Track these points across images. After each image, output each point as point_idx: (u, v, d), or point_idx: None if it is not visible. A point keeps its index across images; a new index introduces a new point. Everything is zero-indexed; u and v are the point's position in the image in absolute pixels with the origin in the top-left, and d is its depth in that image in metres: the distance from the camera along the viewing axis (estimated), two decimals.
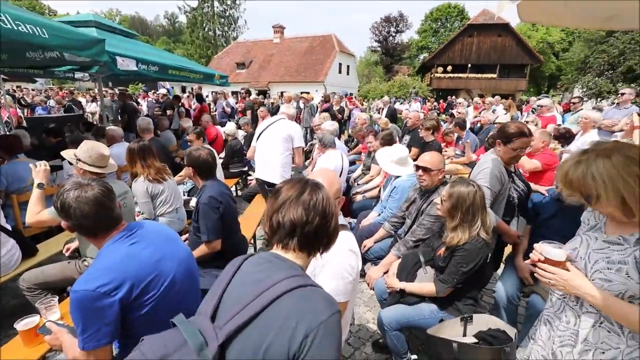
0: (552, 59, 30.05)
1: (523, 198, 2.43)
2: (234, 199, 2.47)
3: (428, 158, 2.45)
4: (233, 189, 5.57)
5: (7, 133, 5.64)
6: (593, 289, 1.08)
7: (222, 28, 37.23)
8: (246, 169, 5.59)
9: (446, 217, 1.94)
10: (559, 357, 1.22)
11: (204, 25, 35.83)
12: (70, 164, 2.36)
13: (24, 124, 8.04)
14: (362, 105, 12.61)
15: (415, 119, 5.74)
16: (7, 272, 2.33)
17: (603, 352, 1.10)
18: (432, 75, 29.86)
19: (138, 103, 11.35)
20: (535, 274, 1.22)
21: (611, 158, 1.00)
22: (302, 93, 9.93)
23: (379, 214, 3.31)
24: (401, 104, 14.84)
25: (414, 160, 4.19)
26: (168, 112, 8.12)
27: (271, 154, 3.39)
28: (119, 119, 7.62)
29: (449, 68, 29.09)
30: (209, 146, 3.67)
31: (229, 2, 35.95)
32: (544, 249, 1.18)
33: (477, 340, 1.60)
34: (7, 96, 8.62)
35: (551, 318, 1.29)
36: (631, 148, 1.03)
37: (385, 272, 2.36)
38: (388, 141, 3.90)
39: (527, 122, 5.64)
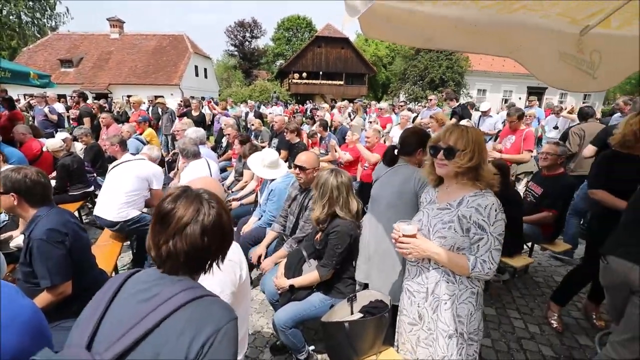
0: (382, 70, 36.39)
1: None
2: (82, 227, 2.02)
3: (304, 158, 2.63)
4: (77, 214, 4.53)
5: None
6: (436, 247, 1.42)
7: (32, 14, 29.17)
8: (91, 189, 4.62)
9: (315, 193, 2.18)
10: (423, 317, 1.52)
11: (1, 7, 27.25)
12: None
13: None
14: (227, 109, 12.22)
15: (281, 122, 5.99)
16: None
17: (446, 302, 1.44)
18: (290, 81, 31.66)
19: None
20: (396, 248, 1.51)
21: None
22: (156, 98, 8.82)
23: (259, 218, 3.33)
24: (263, 107, 15.17)
25: (285, 161, 4.43)
26: None
27: (117, 191, 3.14)
28: None
29: (304, 75, 31.47)
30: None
31: None
32: (400, 227, 1.47)
33: (362, 315, 1.83)
34: None
35: (410, 286, 1.59)
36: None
37: (277, 264, 2.49)
38: (254, 150, 3.91)
39: (371, 122, 6.78)
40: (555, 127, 6.93)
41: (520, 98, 24.49)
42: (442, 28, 1.93)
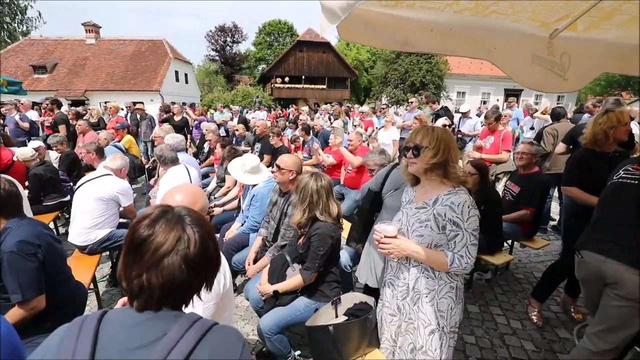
0: (364, 74, 36.84)
1: None
2: (57, 238, 1.93)
3: (285, 159, 2.65)
4: (52, 225, 4.35)
5: None
6: (415, 246, 1.45)
7: (1, 18, 28.03)
8: (67, 198, 4.44)
9: (296, 200, 2.17)
10: (402, 309, 1.57)
11: None
12: None
13: None
14: (206, 115, 12.06)
15: (263, 127, 5.96)
16: None
17: (426, 296, 1.49)
18: (272, 86, 31.59)
19: None
20: (378, 249, 1.54)
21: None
22: (135, 104, 8.61)
23: (242, 224, 3.28)
24: (247, 112, 15.05)
25: (268, 166, 4.40)
26: None
27: (81, 214, 2.94)
28: None
29: (287, 79, 31.48)
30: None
31: None
32: (381, 228, 1.51)
33: (347, 317, 1.82)
34: None
35: (392, 280, 1.64)
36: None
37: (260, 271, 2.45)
38: (233, 155, 3.86)
39: (355, 125, 6.85)
40: (532, 128, 7.18)
41: (498, 100, 25.28)
42: (418, 31, 1.97)
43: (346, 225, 2.53)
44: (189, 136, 8.13)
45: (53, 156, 5.17)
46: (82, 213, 2.93)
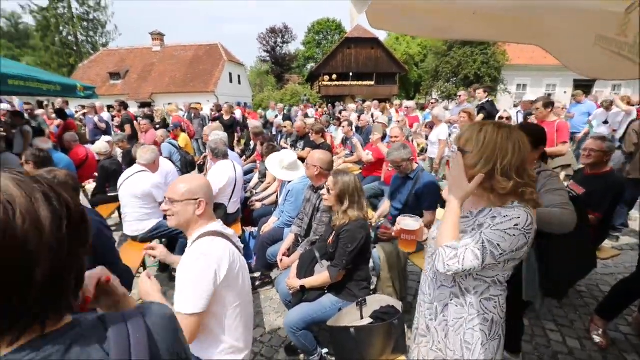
0: (414, 68, 35.46)
1: None
2: (107, 225, 2.13)
3: (313, 154, 2.69)
4: (116, 215, 4.84)
5: None
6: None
7: (86, 33, 32.10)
8: None
9: (334, 204, 2.09)
10: (431, 331, 1.36)
11: (61, 28, 30.26)
12: None
13: None
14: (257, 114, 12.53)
15: (299, 127, 6.09)
16: None
17: (453, 327, 1.26)
18: (320, 83, 31.84)
19: None
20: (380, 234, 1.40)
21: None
22: (193, 104, 9.28)
23: (278, 219, 3.34)
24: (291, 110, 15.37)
25: None
26: (14, 131, 6.50)
27: (126, 209, 3.23)
28: None
29: (334, 76, 31.49)
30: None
31: (91, 4, 31.25)
32: (403, 221, 1.39)
33: (372, 320, 1.75)
34: None
35: (422, 296, 1.42)
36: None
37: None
38: (271, 150, 3.95)
39: (398, 121, 6.60)
40: (605, 122, 6.31)
41: (565, 92, 22.68)
42: (458, 16, 1.81)
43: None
44: (236, 135, 8.52)
45: (118, 152, 5.75)
46: (126, 207, 3.20)
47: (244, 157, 6.55)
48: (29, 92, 5.14)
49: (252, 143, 6.77)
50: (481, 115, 5.74)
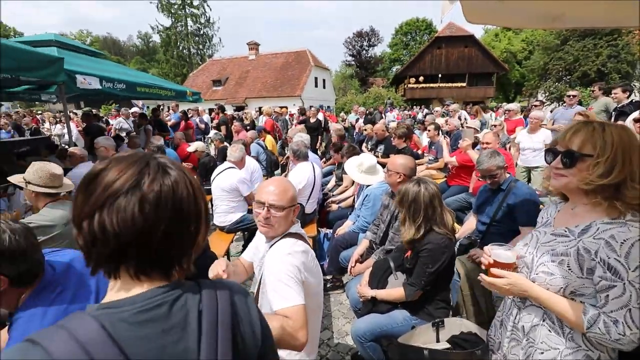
0: (516, 67, 31.66)
1: None
2: None
3: (395, 160, 2.55)
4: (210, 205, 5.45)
5: None
6: (536, 288, 1.06)
7: (197, 46, 37.33)
8: None
9: (403, 216, 1.95)
10: (509, 356, 1.18)
11: (178, 44, 35.81)
12: (21, 188, 2.22)
13: None
14: (338, 118, 12.73)
15: (378, 129, 5.92)
16: None
17: (542, 352, 1.06)
18: (406, 86, 30.79)
19: (108, 123, 11.01)
20: (481, 281, 1.17)
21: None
22: (280, 108, 9.97)
23: (354, 223, 3.29)
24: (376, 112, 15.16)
25: None
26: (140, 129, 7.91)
27: (217, 201, 3.56)
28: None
29: (421, 78, 30.11)
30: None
31: (202, 21, 36.22)
32: (494, 251, 1.15)
33: (449, 346, 1.56)
34: None
35: (504, 320, 1.25)
36: None
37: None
38: (352, 152, 3.91)
39: (494, 125, 5.88)
40: None
41: None
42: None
43: None
44: (319, 137, 8.78)
45: (212, 150, 6.46)
46: (217, 200, 3.55)
47: (324, 160, 6.68)
48: (150, 97, 6.17)
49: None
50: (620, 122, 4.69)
